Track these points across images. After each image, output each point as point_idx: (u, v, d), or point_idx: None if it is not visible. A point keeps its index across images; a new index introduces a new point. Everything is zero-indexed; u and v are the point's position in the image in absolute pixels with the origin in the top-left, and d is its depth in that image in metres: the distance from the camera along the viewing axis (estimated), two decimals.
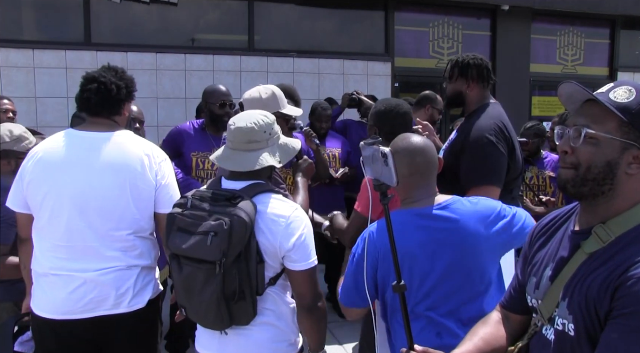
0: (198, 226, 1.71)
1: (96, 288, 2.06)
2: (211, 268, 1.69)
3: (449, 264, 1.79)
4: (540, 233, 1.41)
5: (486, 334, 1.45)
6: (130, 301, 2.11)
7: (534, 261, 1.38)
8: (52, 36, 5.84)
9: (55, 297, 2.06)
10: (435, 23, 7.50)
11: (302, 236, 1.79)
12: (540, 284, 1.31)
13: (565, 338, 1.20)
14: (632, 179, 1.17)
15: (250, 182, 1.83)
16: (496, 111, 2.66)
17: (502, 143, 2.52)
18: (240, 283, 1.71)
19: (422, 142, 1.92)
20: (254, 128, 1.84)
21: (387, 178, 1.62)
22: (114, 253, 2.09)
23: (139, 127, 3.05)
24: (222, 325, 1.78)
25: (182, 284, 1.80)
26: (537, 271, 1.34)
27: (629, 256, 1.12)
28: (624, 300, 1.09)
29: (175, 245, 1.77)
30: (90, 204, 2.04)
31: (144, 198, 2.13)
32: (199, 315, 1.81)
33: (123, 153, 2.10)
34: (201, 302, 1.75)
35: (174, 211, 1.82)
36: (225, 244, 1.65)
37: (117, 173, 2.07)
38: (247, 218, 1.68)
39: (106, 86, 2.14)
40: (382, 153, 1.61)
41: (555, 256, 1.29)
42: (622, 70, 8.42)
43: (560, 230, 1.34)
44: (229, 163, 1.87)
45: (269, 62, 6.52)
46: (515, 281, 1.48)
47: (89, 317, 2.06)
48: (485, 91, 2.74)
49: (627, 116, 1.15)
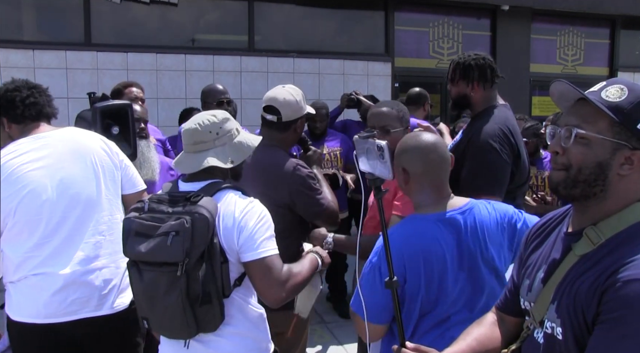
0: (157, 229, 1.64)
1: (79, 288, 2.02)
2: (174, 271, 1.61)
3: (474, 270, 1.75)
4: (535, 235, 1.39)
5: (480, 335, 1.44)
6: (114, 301, 2.09)
7: (528, 263, 1.36)
8: (53, 37, 5.84)
9: (38, 300, 2.00)
10: (435, 23, 7.49)
11: (253, 227, 1.72)
12: (532, 286, 1.29)
13: (553, 342, 1.18)
14: (623, 180, 1.14)
15: (207, 182, 1.80)
16: (503, 115, 2.53)
17: (507, 150, 2.40)
18: (205, 284, 1.63)
19: (433, 138, 1.86)
20: (197, 129, 1.81)
21: (383, 171, 1.59)
22: (95, 249, 2.07)
23: (144, 127, 3.05)
24: (189, 332, 1.69)
25: (143, 292, 1.70)
26: (531, 274, 1.32)
27: (617, 259, 1.10)
28: (611, 304, 1.06)
29: (134, 250, 1.68)
30: (67, 193, 2.05)
31: (114, 177, 2.18)
32: (164, 325, 1.72)
33: (80, 140, 2.17)
34: (165, 309, 1.65)
35: (131, 216, 1.73)
36: (188, 243, 1.59)
37: (83, 157, 2.11)
38: (209, 215, 1.63)
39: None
40: (378, 146, 1.58)
41: (548, 258, 1.27)
42: (622, 70, 8.40)
43: (554, 232, 1.32)
44: (182, 165, 1.85)
45: (269, 62, 6.52)
46: (510, 283, 1.46)
47: (72, 319, 2.02)
48: (492, 91, 2.61)
49: (618, 116, 1.12)
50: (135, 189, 2.34)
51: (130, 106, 2.93)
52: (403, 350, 1.42)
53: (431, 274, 1.72)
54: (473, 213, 1.79)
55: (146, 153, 2.98)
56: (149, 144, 3.05)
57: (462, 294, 1.74)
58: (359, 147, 1.69)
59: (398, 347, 1.44)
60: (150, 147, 3.05)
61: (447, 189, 1.85)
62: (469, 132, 2.54)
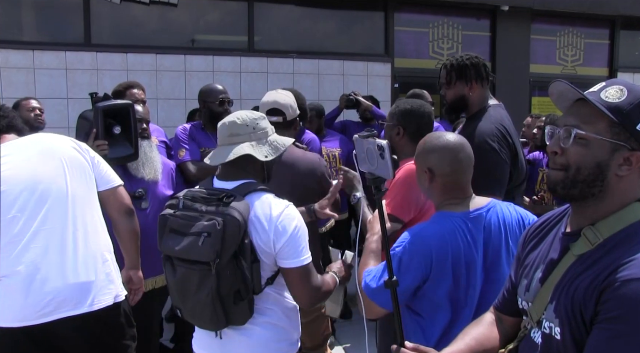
0: (191, 227, 1.69)
1: (55, 287, 1.97)
2: (205, 269, 1.68)
3: (497, 269, 1.75)
4: (533, 235, 1.39)
5: (479, 334, 1.43)
6: (93, 300, 2.04)
7: (525, 263, 1.36)
8: (52, 37, 5.84)
9: (12, 302, 1.96)
10: (435, 24, 7.50)
11: (293, 234, 1.76)
12: (530, 286, 1.29)
13: (551, 342, 1.19)
14: (622, 180, 1.14)
15: (241, 181, 1.83)
16: (498, 114, 2.53)
17: (505, 149, 2.40)
18: (235, 283, 1.69)
19: (459, 138, 1.85)
20: (236, 122, 1.85)
21: (383, 171, 1.59)
22: (71, 243, 2.04)
23: (146, 127, 3.06)
24: (218, 326, 1.77)
25: (176, 286, 1.79)
26: (529, 274, 1.32)
27: (615, 259, 1.10)
28: (609, 304, 1.06)
29: (168, 246, 1.75)
30: (37, 189, 2.04)
31: (87, 174, 2.19)
32: (195, 316, 1.80)
33: (47, 140, 2.19)
34: (196, 303, 1.73)
35: (166, 213, 1.80)
36: (219, 244, 1.64)
37: (51, 155, 2.12)
38: (240, 218, 1.66)
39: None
40: (379, 145, 1.58)
41: (546, 258, 1.27)
42: (622, 70, 8.41)
43: (552, 232, 1.32)
44: (215, 158, 1.87)
45: (268, 63, 6.52)
46: (508, 283, 1.46)
47: (49, 321, 1.97)
48: (486, 90, 2.61)
49: (617, 117, 1.12)
50: (109, 185, 2.33)
51: (132, 105, 2.93)
52: (402, 349, 1.41)
53: (459, 272, 1.71)
54: (496, 212, 1.80)
55: (148, 153, 2.98)
56: (151, 144, 3.05)
57: (486, 293, 1.74)
58: (359, 146, 1.70)
59: (397, 346, 1.44)
60: (152, 147, 3.05)
61: (470, 189, 1.85)
62: (465, 133, 2.50)
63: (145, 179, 2.93)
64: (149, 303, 2.94)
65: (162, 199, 2.91)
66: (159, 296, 3.12)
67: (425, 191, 1.89)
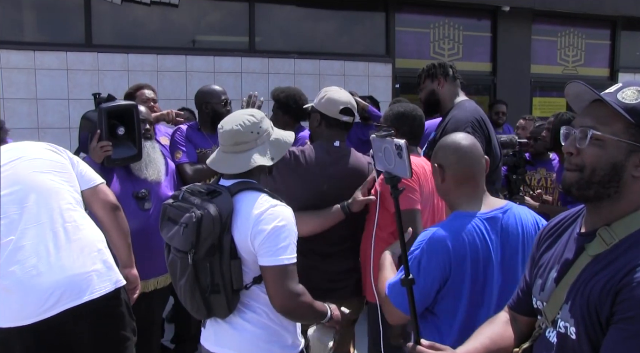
0: (180, 217, 1.76)
1: (54, 281, 1.97)
2: (184, 258, 1.75)
3: (512, 270, 1.75)
4: (547, 235, 1.39)
5: (493, 333, 1.44)
6: (92, 288, 2.04)
7: (540, 263, 1.36)
8: (53, 38, 5.83)
9: (12, 303, 1.95)
10: (436, 24, 7.50)
11: (272, 232, 1.73)
12: (545, 286, 1.30)
13: (567, 342, 1.19)
14: (638, 181, 1.15)
15: (238, 180, 1.86)
16: (472, 106, 2.80)
17: (480, 136, 2.60)
18: (212, 276, 1.74)
19: (464, 133, 1.89)
20: (240, 130, 1.85)
21: (400, 170, 1.59)
22: (62, 237, 2.04)
23: (149, 128, 3.05)
24: (200, 315, 1.85)
25: (169, 269, 1.89)
26: (543, 273, 1.32)
27: (631, 259, 1.10)
28: (625, 304, 1.06)
29: (163, 233, 1.87)
30: (21, 187, 2.05)
31: (67, 171, 2.20)
32: (185, 303, 1.87)
33: (23, 145, 2.21)
34: (181, 289, 1.83)
35: (167, 202, 1.89)
36: (193, 236, 1.69)
37: (31, 156, 2.14)
38: (215, 213, 1.70)
39: None
40: (397, 145, 1.57)
41: (560, 258, 1.27)
42: (623, 71, 8.42)
43: (567, 232, 1.32)
44: (222, 165, 1.91)
45: (269, 63, 6.52)
46: (522, 282, 1.47)
47: (51, 315, 1.96)
48: (456, 87, 2.90)
49: (634, 118, 1.12)
50: (89, 184, 2.32)
51: (136, 106, 2.93)
52: (418, 347, 1.41)
53: (477, 271, 1.71)
54: (513, 213, 1.80)
55: (151, 154, 2.98)
56: (154, 145, 3.05)
57: (502, 293, 1.73)
58: (376, 146, 1.69)
59: (413, 344, 1.43)
60: (155, 148, 3.05)
61: (484, 185, 1.86)
62: (442, 125, 2.79)
63: (148, 180, 2.93)
64: (150, 303, 2.94)
65: (165, 200, 2.87)
66: (161, 296, 3.11)
67: (440, 191, 1.90)
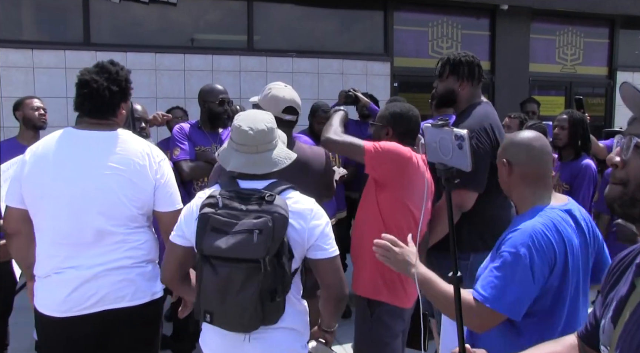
0: (233, 226, 1.68)
1: (97, 286, 2.06)
2: (251, 267, 1.68)
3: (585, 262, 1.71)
4: (615, 268, 1.19)
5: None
6: (132, 296, 2.12)
7: (607, 301, 1.16)
8: (52, 36, 5.83)
9: (58, 296, 2.06)
10: (435, 23, 7.49)
11: (325, 226, 1.85)
12: (605, 328, 1.11)
13: None
14: None
15: (270, 181, 1.87)
16: (483, 111, 2.65)
17: (486, 145, 2.51)
18: (275, 280, 1.72)
19: (535, 132, 1.85)
20: (272, 127, 1.90)
21: (460, 162, 1.48)
22: (113, 248, 2.09)
23: (145, 126, 3.06)
24: (255, 326, 1.75)
25: (216, 286, 1.72)
26: (606, 313, 1.13)
27: None
28: None
29: (211, 245, 1.69)
30: (88, 202, 2.05)
31: (142, 197, 2.14)
32: (230, 318, 1.75)
33: (122, 151, 2.11)
34: (237, 303, 1.70)
35: (207, 211, 1.74)
36: (270, 241, 1.67)
37: (115, 171, 2.08)
38: (286, 214, 1.73)
39: (98, 92, 2.15)
40: (458, 135, 1.48)
41: (618, 293, 1.10)
42: (622, 70, 8.41)
43: (633, 264, 1.13)
44: (257, 167, 1.86)
45: (268, 62, 6.52)
46: (592, 316, 1.28)
47: (90, 312, 2.07)
48: (476, 89, 2.73)
49: None
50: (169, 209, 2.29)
51: (131, 104, 2.94)
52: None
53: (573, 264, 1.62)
54: (579, 210, 1.74)
55: None
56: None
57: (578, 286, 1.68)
58: (431, 136, 1.58)
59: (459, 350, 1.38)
60: None
61: (551, 183, 1.79)
62: None
63: None
64: None
65: None
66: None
67: (506, 186, 1.81)
